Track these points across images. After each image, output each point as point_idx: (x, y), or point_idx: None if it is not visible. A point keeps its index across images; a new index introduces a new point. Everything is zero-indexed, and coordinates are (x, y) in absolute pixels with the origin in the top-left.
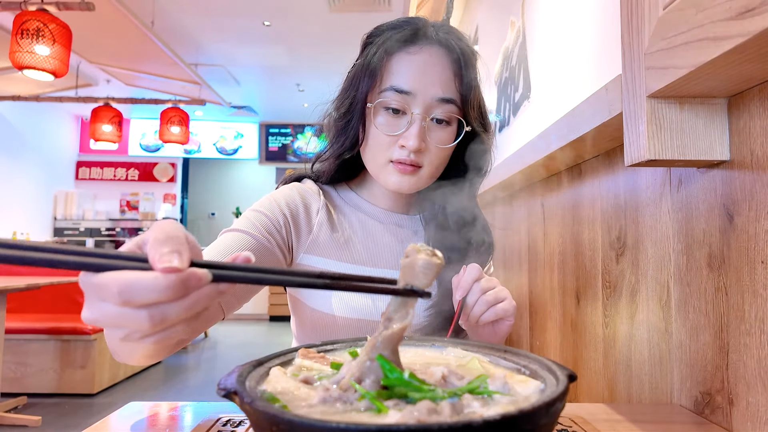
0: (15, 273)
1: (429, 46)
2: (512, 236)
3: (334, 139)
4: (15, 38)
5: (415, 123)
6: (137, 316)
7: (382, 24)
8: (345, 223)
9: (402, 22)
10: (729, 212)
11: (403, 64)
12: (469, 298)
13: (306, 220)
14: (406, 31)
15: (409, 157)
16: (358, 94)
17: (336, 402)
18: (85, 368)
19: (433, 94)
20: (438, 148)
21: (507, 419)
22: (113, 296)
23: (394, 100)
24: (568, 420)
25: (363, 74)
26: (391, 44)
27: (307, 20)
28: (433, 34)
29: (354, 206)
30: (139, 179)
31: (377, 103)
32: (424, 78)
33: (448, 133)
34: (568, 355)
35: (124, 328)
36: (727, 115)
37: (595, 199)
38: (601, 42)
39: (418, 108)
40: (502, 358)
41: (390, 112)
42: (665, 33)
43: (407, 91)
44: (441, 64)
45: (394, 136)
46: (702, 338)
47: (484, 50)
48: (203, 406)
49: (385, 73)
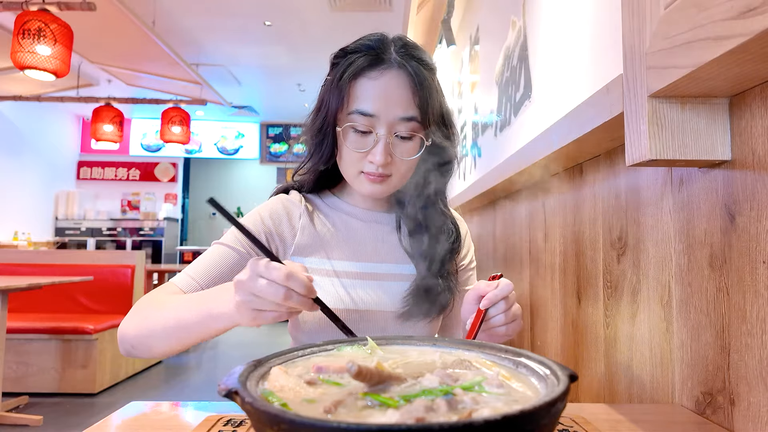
0: (16, 273)
1: (388, 70)
2: (513, 236)
3: (312, 153)
4: (16, 38)
5: (380, 142)
6: (278, 290)
7: (346, 46)
8: (328, 224)
9: (363, 47)
10: (730, 212)
11: (365, 89)
12: (492, 311)
13: (289, 226)
14: (367, 57)
15: (377, 170)
16: (329, 114)
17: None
18: (86, 368)
19: (394, 114)
20: (403, 161)
21: (508, 419)
22: (281, 275)
23: (360, 122)
24: (569, 420)
25: (331, 95)
26: (353, 70)
27: (308, 20)
28: (392, 56)
29: (336, 208)
30: (140, 179)
31: (345, 127)
32: (385, 101)
33: (411, 147)
34: (569, 355)
35: (261, 298)
36: (729, 114)
37: (597, 199)
38: (602, 41)
39: (382, 128)
40: (503, 358)
41: (358, 133)
42: (666, 32)
43: (371, 114)
44: (400, 86)
45: (363, 153)
46: (703, 338)
47: (485, 50)
48: (204, 405)
49: (351, 96)
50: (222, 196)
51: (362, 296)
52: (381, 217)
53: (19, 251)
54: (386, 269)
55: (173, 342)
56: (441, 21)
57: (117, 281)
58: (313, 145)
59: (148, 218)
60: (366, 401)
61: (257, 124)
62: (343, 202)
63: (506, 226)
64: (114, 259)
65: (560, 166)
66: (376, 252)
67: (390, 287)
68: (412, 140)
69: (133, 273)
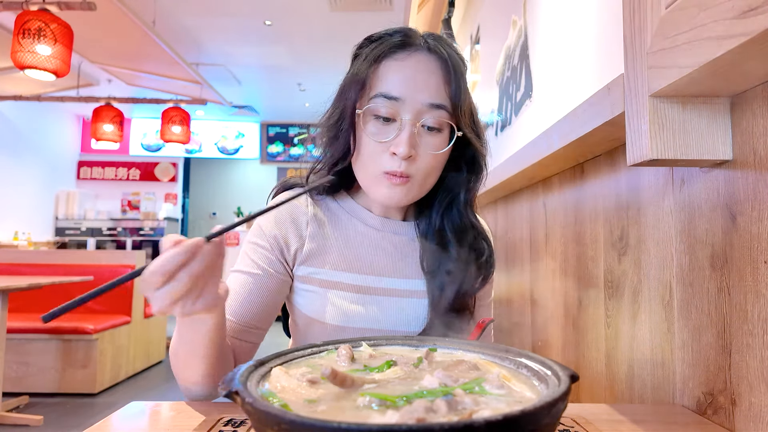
0: (17, 273)
1: (417, 53)
2: (514, 236)
3: (326, 149)
4: (16, 38)
5: (405, 129)
6: (180, 280)
7: (371, 35)
8: (339, 232)
9: (391, 31)
10: (732, 212)
11: (391, 70)
12: None
13: (296, 235)
14: (394, 39)
15: (400, 167)
16: (348, 103)
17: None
18: (86, 368)
19: (422, 99)
20: (429, 156)
21: (509, 419)
22: (156, 278)
23: (383, 106)
24: (570, 420)
25: (352, 84)
26: (378, 52)
27: (309, 19)
28: (422, 41)
29: (352, 214)
30: (140, 179)
31: (366, 110)
32: (412, 84)
33: (439, 140)
34: (570, 355)
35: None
36: (730, 114)
37: (598, 199)
38: (603, 41)
39: (407, 114)
40: (504, 358)
41: (380, 120)
42: (668, 32)
43: (396, 97)
44: (430, 70)
45: (385, 142)
46: (704, 338)
47: (485, 49)
48: (204, 406)
49: (374, 80)
50: (222, 195)
51: (373, 314)
52: (398, 227)
53: (19, 251)
54: (402, 285)
55: (192, 368)
56: (442, 20)
57: None
58: (328, 140)
59: (148, 218)
60: (365, 399)
61: (257, 123)
62: (358, 207)
63: (507, 225)
64: (114, 259)
65: (561, 166)
66: (390, 266)
67: (404, 305)
68: (440, 133)
69: None
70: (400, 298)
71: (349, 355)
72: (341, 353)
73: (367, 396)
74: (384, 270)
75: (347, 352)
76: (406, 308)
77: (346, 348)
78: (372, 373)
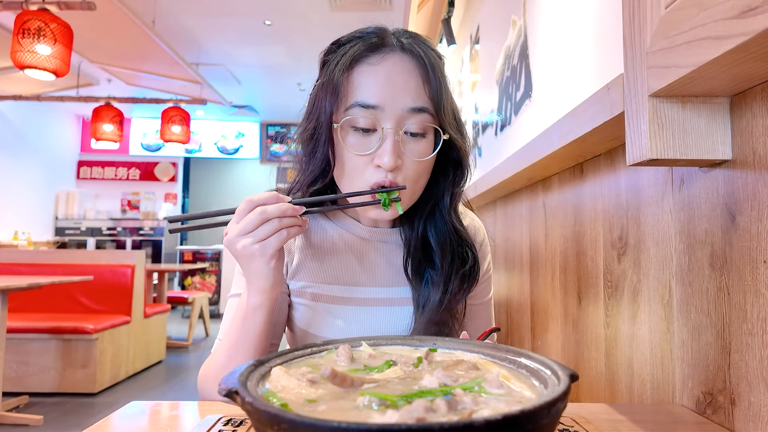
0: (17, 272)
1: (391, 54)
2: (514, 236)
3: (303, 167)
4: (16, 38)
5: (387, 139)
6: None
7: (338, 38)
8: (327, 244)
9: (360, 33)
10: (731, 212)
11: (365, 76)
12: None
13: (285, 248)
14: (364, 42)
15: (386, 178)
16: (322, 116)
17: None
18: (86, 367)
19: (402, 104)
20: (416, 163)
21: (509, 419)
22: (256, 215)
23: (361, 116)
24: (569, 420)
25: (324, 94)
26: (349, 57)
27: (308, 19)
28: (394, 41)
29: (340, 225)
30: (140, 179)
31: (343, 123)
32: (390, 88)
33: (424, 145)
34: (570, 355)
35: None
36: (730, 114)
37: (597, 199)
38: (602, 41)
39: (388, 122)
40: (504, 358)
41: (359, 132)
42: (667, 32)
43: (374, 105)
44: (407, 72)
45: (367, 155)
46: (704, 338)
47: (485, 49)
48: (204, 405)
49: (348, 88)
50: (222, 195)
51: (365, 324)
52: (387, 235)
53: (19, 251)
54: (391, 293)
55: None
56: (441, 20)
57: (117, 281)
58: (305, 157)
59: (148, 218)
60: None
61: (257, 123)
62: (346, 217)
63: (507, 225)
64: (114, 258)
65: (561, 166)
66: (380, 275)
67: (395, 313)
68: (425, 137)
69: (133, 273)
70: (390, 306)
71: (348, 354)
72: (341, 353)
73: (367, 396)
74: (374, 280)
75: (347, 351)
76: (397, 316)
77: (346, 348)
78: (372, 373)
